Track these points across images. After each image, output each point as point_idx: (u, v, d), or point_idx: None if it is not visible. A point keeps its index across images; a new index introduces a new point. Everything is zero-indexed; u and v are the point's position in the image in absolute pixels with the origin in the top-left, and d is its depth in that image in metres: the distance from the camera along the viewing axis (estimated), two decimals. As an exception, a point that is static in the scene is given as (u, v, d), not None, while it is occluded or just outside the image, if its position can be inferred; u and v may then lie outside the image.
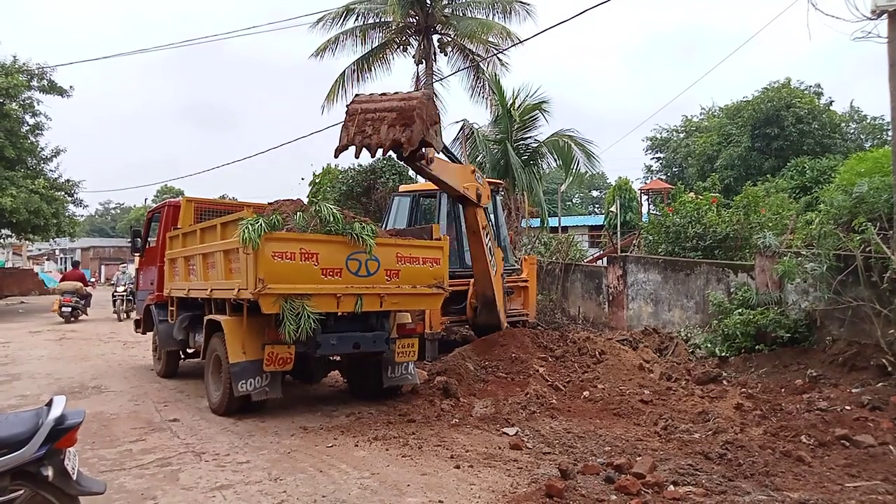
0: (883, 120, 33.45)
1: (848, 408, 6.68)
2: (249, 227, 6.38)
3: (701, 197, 14.35)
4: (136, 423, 7.10)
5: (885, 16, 7.07)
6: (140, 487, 4.98)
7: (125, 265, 23.72)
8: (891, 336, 7.43)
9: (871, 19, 7.18)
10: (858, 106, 38.17)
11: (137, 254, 12.01)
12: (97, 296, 24.82)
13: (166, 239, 9.79)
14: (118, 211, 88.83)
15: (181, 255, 8.87)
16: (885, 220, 7.70)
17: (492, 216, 12.52)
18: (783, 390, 7.87)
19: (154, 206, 17.26)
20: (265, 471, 5.33)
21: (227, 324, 7.18)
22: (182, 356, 10.25)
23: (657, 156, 45.98)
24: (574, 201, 65.11)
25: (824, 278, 8.30)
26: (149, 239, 11.60)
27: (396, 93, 7.51)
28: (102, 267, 64.09)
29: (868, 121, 36.93)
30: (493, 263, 9.51)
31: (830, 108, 35.49)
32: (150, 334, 11.12)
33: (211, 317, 7.75)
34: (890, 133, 7.60)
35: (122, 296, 20.93)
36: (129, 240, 12.76)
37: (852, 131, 36.54)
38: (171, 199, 11.74)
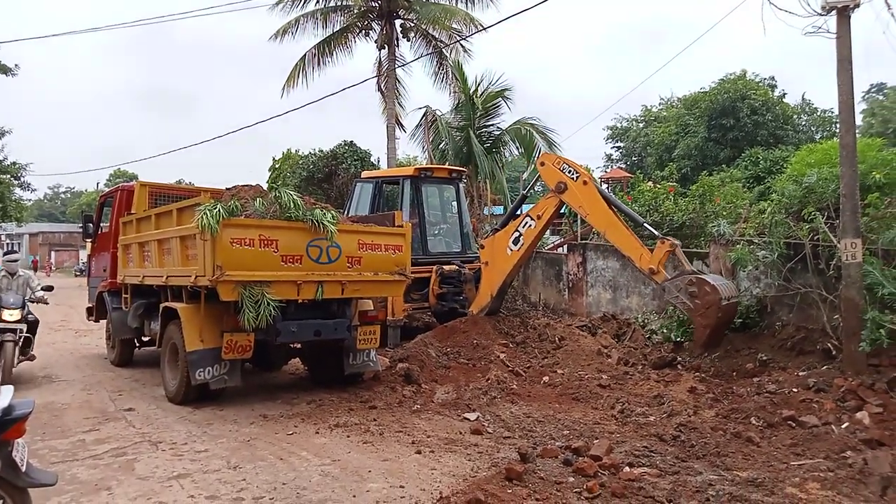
0: (832, 113, 34.56)
1: (795, 390, 6.93)
2: (207, 212, 6.27)
3: (659, 186, 14.63)
4: (88, 413, 6.93)
5: (834, 12, 7.27)
6: (94, 478, 4.87)
7: (14, 255, 9.75)
8: (835, 321, 7.72)
9: (821, 15, 7.37)
10: (810, 99, 39.34)
11: (89, 239, 11.67)
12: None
13: (119, 224, 9.54)
14: (69, 195, 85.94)
15: (135, 241, 8.65)
16: (832, 210, 7.97)
17: (454, 204, 12.59)
18: (734, 374, 8.13)
19: (107, 190, 16.73)
20: (224, 459, 5.27)
21: (184, 311, 7.05)
22: (137, 344, 10.04)
23: (617, 145, 46.65)
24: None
25: (775, 266, 8.57)
26: (101, 224, 11.27)
27: None
28: (52, 253, 62.04)
29: (818, 113, 38.09)
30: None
31: (783, 100, 36.51)
32: (103, 322, 10.84)
33: (167, 304, 7.60)
34: (838, 126, 7.87)
35: (16, 331, 8.30)
36: (80, 225, 12.38)
37: (803, 123, 37.64)
38: (125, 184, 11.43)
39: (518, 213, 10.40)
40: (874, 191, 8.27)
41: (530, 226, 9.60)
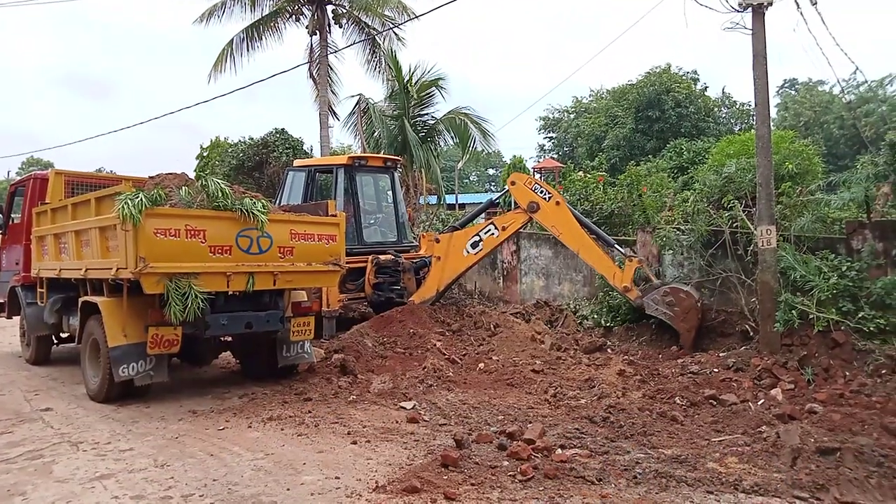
0: (749, 106, 36.27)
1: (716, 370, 7.30)
2: (129, 201, 5.99)
3: (589, 175, 15.03)
4: (1, 415, 6.53)
5: (749, 9, 7.62)
6: (6, 483, 4.60)
7: None
8: (753, 304, 8.16)
9: (738, 11, 7.73)
10: (730, 92, 41.21)
11: (-1, 231, 10.96)
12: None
13: (33, 215, 9.01)
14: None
15: (51, 232, 8.19)
16: (749, 198, 8.40)
17: (389, 193, 12.51)
18: (660, 356, 8.47)
19: (18, 179, 15.73)
20: (150, 457, 5.08)
21: (105, 305, 6.74)
22: (55, 341, 9.54)
23: (550, 135, 47.51)
24: (471, 179, 66.12)
25: (697, 251, 8.97)
26: (12, 215, 10.62)
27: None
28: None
29: (737, 106, 39.94)
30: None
31: (705, 93, 38.05)
32: (16, 319, 10.23)
33: (86, 298, 7.24)
34: (755, 118, 8.28)
35: None
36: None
37: (724, 116, 39.37)
38: (38, 172, 10.78)
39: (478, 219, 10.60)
40: (787, 180, 8.77)
41: (493, 234, 9.83)
